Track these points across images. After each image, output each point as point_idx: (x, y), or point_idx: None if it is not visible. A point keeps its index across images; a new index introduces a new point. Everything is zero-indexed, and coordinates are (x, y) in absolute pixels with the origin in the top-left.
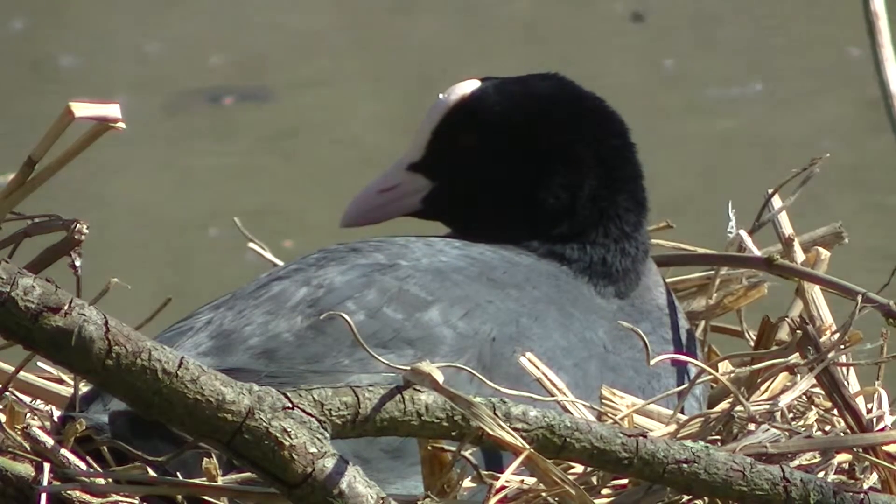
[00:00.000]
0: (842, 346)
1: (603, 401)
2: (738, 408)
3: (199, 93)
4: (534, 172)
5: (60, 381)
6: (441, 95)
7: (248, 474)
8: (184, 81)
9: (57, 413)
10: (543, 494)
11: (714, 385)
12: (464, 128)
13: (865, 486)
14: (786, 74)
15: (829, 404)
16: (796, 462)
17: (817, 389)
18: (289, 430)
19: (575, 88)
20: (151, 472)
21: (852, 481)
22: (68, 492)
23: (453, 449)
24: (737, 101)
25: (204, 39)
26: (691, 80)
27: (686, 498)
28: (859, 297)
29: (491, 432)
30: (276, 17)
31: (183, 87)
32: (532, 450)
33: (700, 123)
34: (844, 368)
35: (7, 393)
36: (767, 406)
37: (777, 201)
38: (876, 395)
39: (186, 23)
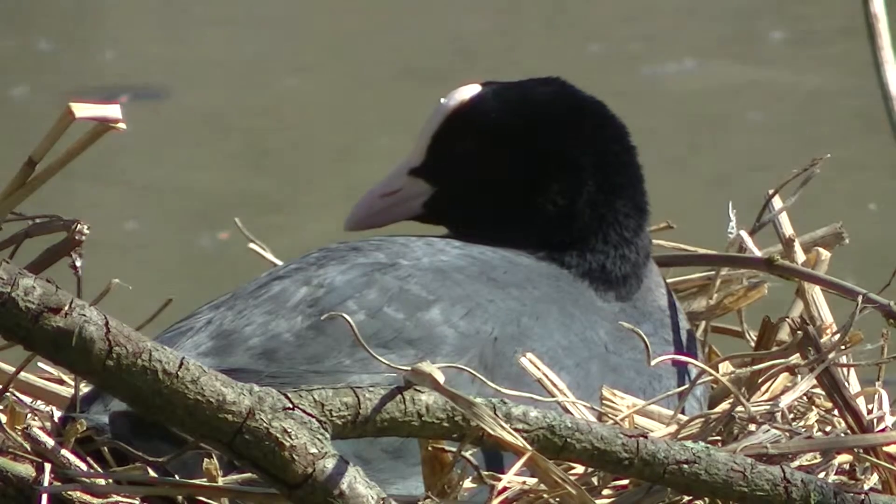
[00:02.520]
0: (842, 347)
1: (603, 401)
2: (739, 408)
3: (96, 91)
4: (532, 177)
5: (61, 382)
6: (442, 100)
7: (248, 475)
8: (79, 79)
9: (57, 413)
10: (545, 495)
11: (715, 386)
12: (462, 133)
13: (866, 487)
14: None
15: (829, 405)
16: (797, 463)
17: (818, 390)
18: (289, 430)
19: (575, 93)
20: (152, 473)
21: (853, 482)
22: (69, 492)
23: (454, 449)
24: None
25: (99, 37)
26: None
27: (686, 499)
28: (860, 298)
29: (492, 433)
30: (176, 13)
31: (78, 84)
32: (533, 450)
33: None
34: (845, 369)
35: (7, 393)
36: (768, 407)
37: (777, 202)
38: (876, 396)
39: (82, 20)
